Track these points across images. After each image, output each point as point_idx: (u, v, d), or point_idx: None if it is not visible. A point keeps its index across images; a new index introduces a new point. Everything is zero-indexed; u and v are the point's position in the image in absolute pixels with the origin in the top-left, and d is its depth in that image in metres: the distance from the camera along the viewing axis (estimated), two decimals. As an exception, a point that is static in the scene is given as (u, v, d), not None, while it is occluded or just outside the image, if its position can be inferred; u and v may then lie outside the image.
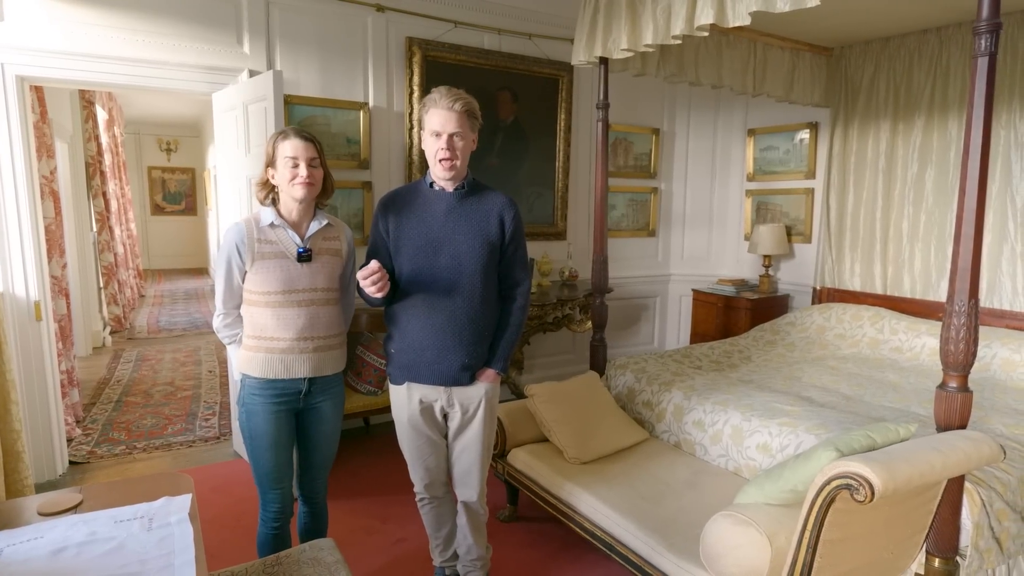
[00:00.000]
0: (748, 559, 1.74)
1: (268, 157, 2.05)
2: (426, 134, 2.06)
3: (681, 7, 2.62)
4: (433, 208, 2.10)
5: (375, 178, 4.13)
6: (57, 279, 3.91)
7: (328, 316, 2.11)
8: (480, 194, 2.14)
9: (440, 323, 2.07)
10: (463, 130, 2.03)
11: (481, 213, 2.10)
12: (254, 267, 2.02)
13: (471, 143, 2.09)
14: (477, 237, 2.07)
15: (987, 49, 1.79)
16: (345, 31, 3.94)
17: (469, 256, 2.06)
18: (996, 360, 3.38)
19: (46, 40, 3.14)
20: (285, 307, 2.03)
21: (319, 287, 2.07)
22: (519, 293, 2.20)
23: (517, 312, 2.20)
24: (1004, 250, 3.66)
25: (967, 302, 1.86)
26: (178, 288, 10.74)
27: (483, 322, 2.12)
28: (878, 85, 4.23)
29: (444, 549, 2.42)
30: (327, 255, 2.11)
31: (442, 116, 2.00)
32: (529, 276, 2.23)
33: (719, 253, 5.63)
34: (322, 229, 2.12)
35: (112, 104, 7.95)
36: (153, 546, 1.45)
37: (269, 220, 2.05)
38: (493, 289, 2.15)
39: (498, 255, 2.13)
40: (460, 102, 2.00)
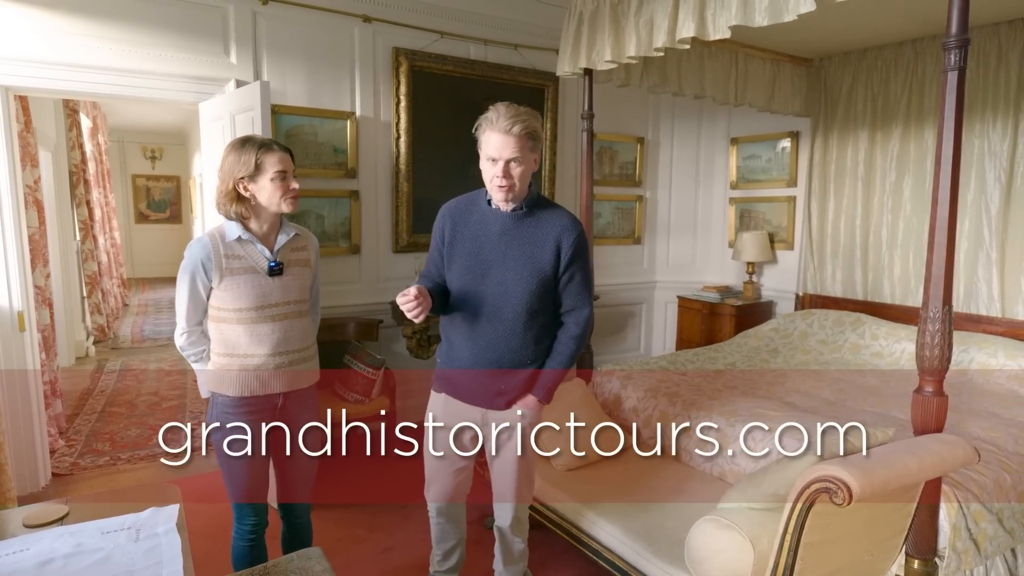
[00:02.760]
0: (732, 562, 1.77)
1: (249, 169, 1.94)
2: (482, 156, 1.93)
3: (663, 20, 2.67)
4: (488, 228, 2.01)
5: (362, 187, 4.14)
6: (41, 289, 3.88)
7: (301, 329, 2.08)
8: (540, 214, 2.01)
9: (481, 347, 2.01)
10: (522, 154, 1.88)
11: (537, 237, 1.98)
12: (223, 284, 1.96)
13: (532, 164, 1.95)
14: (527, 264, 1.97)
15: (956, 64, 1.85)
16: (332, 41, 3.96)
17: (516, 283, 1.97)
18: (973, 364, 3.45)
19: (30, 50, 3.13)
20: (258, 323, 1.98)
21: (292, 300, 2.04)
22: (573, 321, 2.06)
23: (567, 341, 2.05)
24: (980, 257, 3.74)
25: (941, 308, 1.92)
26: (163, 297, 10.64)
27: (526, 352, 2.03)
28: (856, 95, 4.32)
29: (443, 560, 2.37)
30: (297, 266, 2.07)
31: (499, 141, 1.86)
32: (589, 304, 2.07)
33: (704, 260, 5.69)
34: (290, 240, 2.07)
35: (96, 112, 7.90)
36: (140, 557, 1.45)
37: (236, 234, 1.97)
38: (542, 317, 2.03)
39: (552, 282, 2.00)
40: (519, 124, 1.85)
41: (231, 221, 1.99)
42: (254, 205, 1.99)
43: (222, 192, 1.97)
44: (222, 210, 1.99)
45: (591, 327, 2.13)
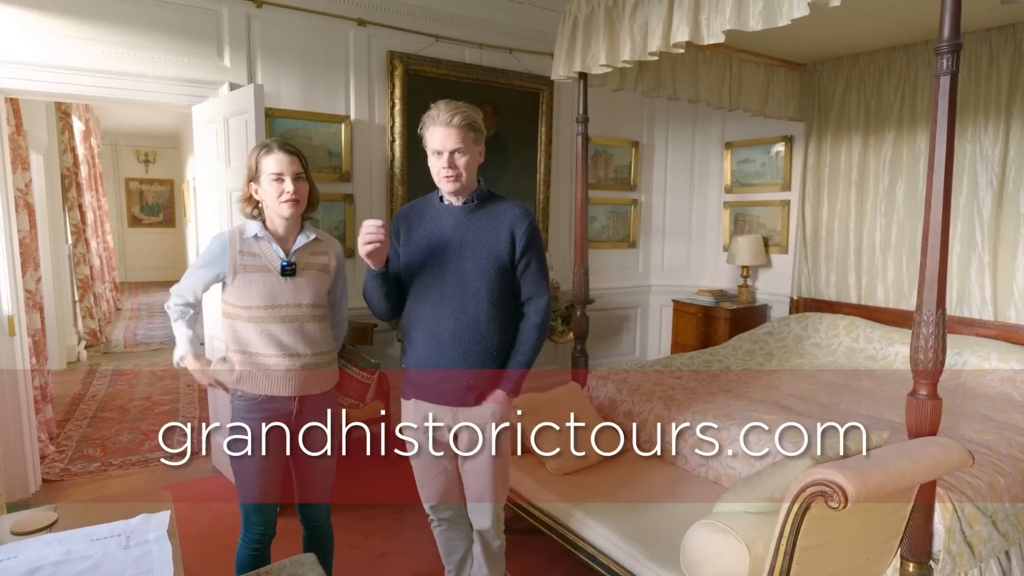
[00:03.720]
0: (728, 567, 1.76)
1: (251, 172, 1.99)
2: (428, 152, 1.98)
3: (657, 25, 2.68)
4: (442, 223, 2.04)
5: (357, 191, 4.13)
6: (31, 293, 3.85)
7: (314, 333, 2.05)
8: (492, 206, 2.06)
9: (445, 342, 2.00)
10: (465, 145, 1.94)
11: (491, 227, 2.02)
12: (236, 280, 1.99)
13: (476, 156, 2.00)
14: (484, 253, 2.00)
15: (949, 68, 1.86)
16: (327, 45, 3.95)
17: (475, 273, 1.99)
18: (967, 367, 3.46)
19: (21, 52, 3.11)
20: (268, 322, 1.98)
21: (304, 303, 2.02)
22: (533, 310, 2.08)
23: (530, 331, 2.07)
24: (972, 260, 3.76)
25: (935, 312, 1.92)
26: (156, 301, 10.58)
27: (490, 342, 2.03)
28: (849, 100, 4.34)
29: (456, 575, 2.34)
30: (313, 270, 2.07)
31: (442, 133, 1.92)
32: (546, 292, 2.10)
33: (698, 264, 5.69)
34: (309, 243, 2.07)
35: (89, 115, 7.87)
36: (131, 564, 1.43)
37: (254, 232, 2.01)
38: (504, 307, 2.05)
39: (510, 271, 2.04)
40: (459, 116, 1.91)
41: (252, 220, 2.05)
42: (263, 207, 2.03)
43: (241, 194, 2.05)
44: (244, 211, 2.05)
45: (550, 315, 2.15)
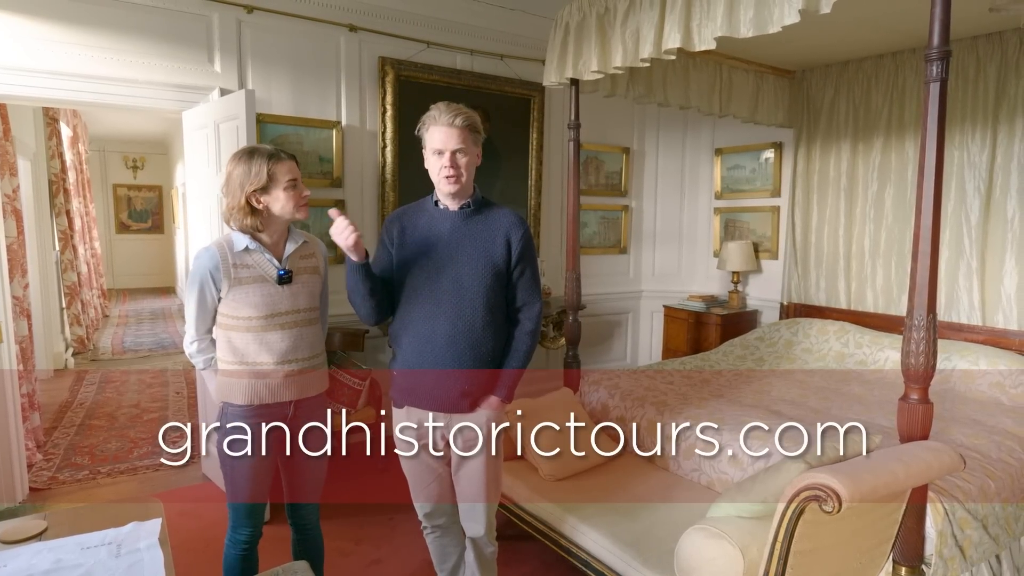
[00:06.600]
0: (722, 572, 1.76)
1: (260, 181, 1.93)
2: (427, 153, 1.99)
3: (649, 31, 2.70)
4: (437, 228, 2.03)
5: (348, 196, 4.12)
6: (19, 299, 3.81)
7: (310, 336, 2.06)
8: (487, 212, 2.07)
9: (439, 347, 1.99)
10: (466, 145, 1.96)
11: (487, 233, 2.03)
12: (231, 293, 1.96)
13: (475, 158, 2.01)
14: (480, 258, 2.00)
15: (938, 75, 1.88)
16: (318, 50, 3.95)
17: (471, 278, 1.99)
18: (956, 372, 3.49)
19: (8, 56, 3.08)
20: (267, 331, 1.97)
21: (301, 308, 2.03)
22: (527, 317, 2.08)
23: (523, 337, 2.08)
24: (961, 266, 3.80)
25: (925, 317, 1.93)
26: (144, 308, 10.50)
27: (485, 348, 2.02)
28: (838, 107, 4.38)
29: None
30: (306, 274, 2.07)
31: (443, 133, 1.93)
32: (539, 299, 2.11)
33: (689, 269, 5.72)
34: (298, 248, 2.07)
35: (77, 121, 7.81)
36: (122, 572, 1.42)
37: (243, 244, 1.97)
38: (499, 313, 2.05)
39: (505, 278, 2.04)
40: (460, 117, 1.93)
41: (237, 232, 1.99)
42: (267, 216, 1.99)
43: (233, 207, 1.96)
44: (235, 224, 1.98)
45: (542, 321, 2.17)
